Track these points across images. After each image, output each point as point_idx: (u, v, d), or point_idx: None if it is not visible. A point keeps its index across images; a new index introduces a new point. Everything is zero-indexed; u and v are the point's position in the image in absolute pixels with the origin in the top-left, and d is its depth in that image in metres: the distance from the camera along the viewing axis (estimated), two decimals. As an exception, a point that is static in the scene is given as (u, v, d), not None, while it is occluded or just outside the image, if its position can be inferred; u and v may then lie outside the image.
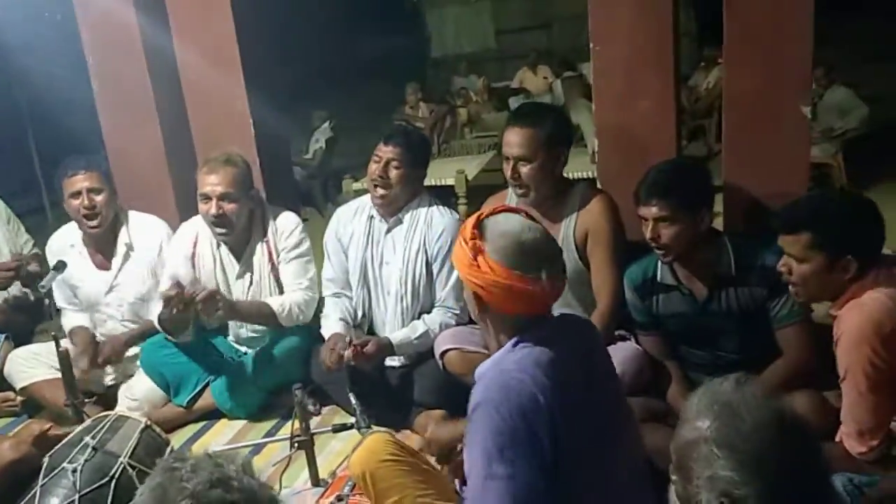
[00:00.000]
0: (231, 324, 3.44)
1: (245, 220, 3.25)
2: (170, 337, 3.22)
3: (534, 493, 1.70)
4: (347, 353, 2.91)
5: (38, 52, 5.68)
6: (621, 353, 2.71)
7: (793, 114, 2.92)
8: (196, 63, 3.64)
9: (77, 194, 3.35)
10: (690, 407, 1.36)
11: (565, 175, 3.01)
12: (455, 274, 3.04)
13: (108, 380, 3.47)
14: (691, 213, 2.54)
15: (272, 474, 2.71)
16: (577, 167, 5.12)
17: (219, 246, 3.32)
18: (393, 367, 3.17)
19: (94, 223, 3.38)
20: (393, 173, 3.08)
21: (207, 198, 3.15)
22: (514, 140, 2.84)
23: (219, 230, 3.20)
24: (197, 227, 3.33)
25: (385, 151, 3.09)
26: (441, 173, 6.55)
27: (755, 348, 2.65)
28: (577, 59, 10.56)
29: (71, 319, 3.52)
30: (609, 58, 3.14)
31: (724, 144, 3.13)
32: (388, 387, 3.15)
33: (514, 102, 9.70)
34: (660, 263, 2.71)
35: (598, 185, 3.26)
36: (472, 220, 1.82)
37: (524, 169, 2.83)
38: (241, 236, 3.29)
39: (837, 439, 2.14)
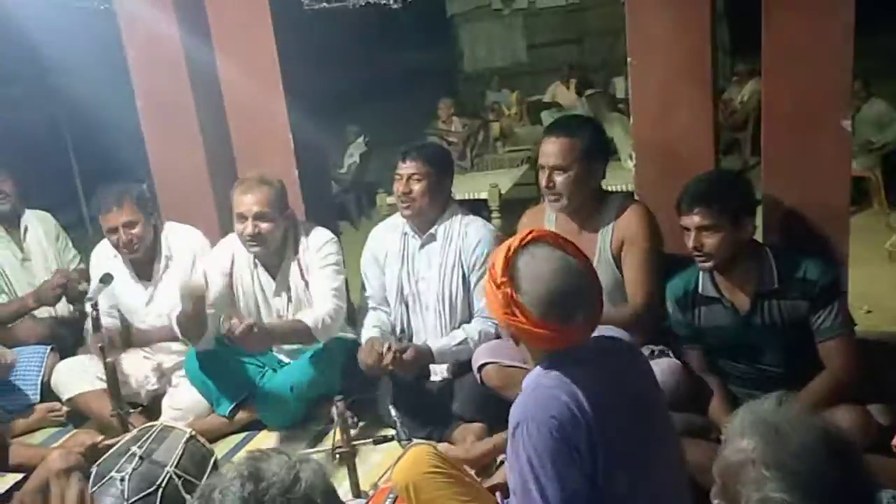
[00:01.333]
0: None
1: (280, 238, 3.29)
2: (191, 343, 3.25)
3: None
4: (388, 356, 2.92)
5: (78, 69, 5.82)
6: (658, 369, 2.69)
7: (833, 127, 2.90)
8: (238, 79, 3.70)
9: (114, 230, 3.43)
10: (732, 428, 1.34)
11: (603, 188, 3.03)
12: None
13: (152, 390, 3.53)
14: (734, 222, 2.54)
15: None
16: (612, 180, 5.11)
17: (256, 266, 3.35)
18: (433, 381, 3.19)
19: (133, 254, 3.48)
20: (416, 187, 3.12)
21: (244, 217, 3.18)
22: (551, 150, 2.87)
23: (254, 249, 3.24)
24: (233, 247, 3.36)
25: (404, 168, 3.14)
26: (474, 187, 6.58)
27: (797, 362, 2.64)
28: (609, 74, 10.60)
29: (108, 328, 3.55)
30: (647, 71, 3.14)
31: (764, 158, 3.12)
32: (427, 400, 3.17)
33: (546, 116, 9.71)
34: (701, 275, 2.71)
35: (636, 198, 3.26)
36: (500, 259, 1.78)
37: (559, 178, 2.86)
38: (275, 255, 3.32)
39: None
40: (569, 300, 1.73)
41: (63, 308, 3.90)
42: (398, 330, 3.29)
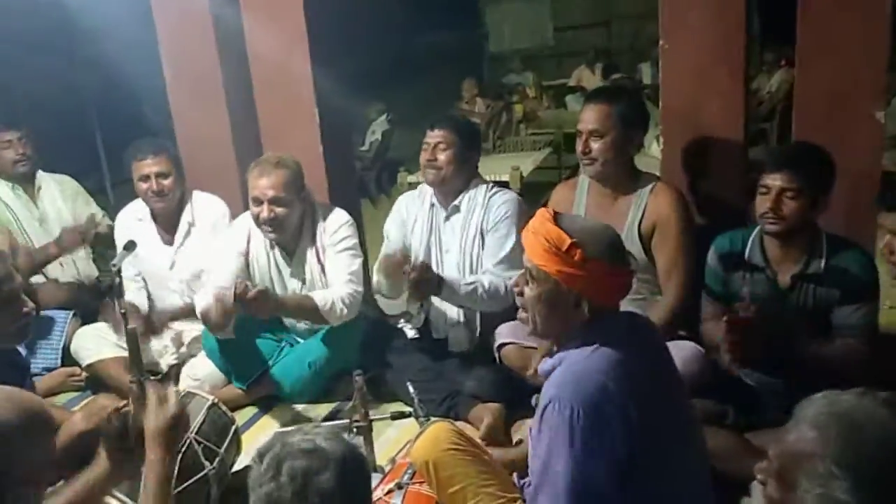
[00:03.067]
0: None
1: (296, 221, 3.26)
2: (212, 333, 3.23)
3: (607, 489, 1.71)
4: (406, 266, 2.86)
5: (107, 39, 5.82)
6: (682, 353, 2.68)
7: (866, 119, 2.87)
8: (265, 52, 3.69)
9: (146, 178, 3.46)
10: (804, 415, 1.28)
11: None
12: (509, 245, 3.06)
13: (171, 359, 3.56)
14: (813, 194, 2.50)
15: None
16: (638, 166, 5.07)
17: (272, 247, 3.35)
18: (452, 360, 3.19)
19: (161, 204, 3.51)
20: (441, 156, 3.13)
21: (259, 201, 3.16)
22: (589, 116, 2.88)
23: (270, 233, 3.22)
24: (249, 226, 3.34)
25: (432, 136, 3.16)
26: (495, 169, 6.55)
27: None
28: (635, 59, 10.50)
29: (129, 293, 3.59)
30: (678, 56, 3.11)
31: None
32: (445, 378, 3.18)
33: (570, 100, 9.66)
34: (751, 241, 2.67)
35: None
36: (547, 219, 1.82)
37: (595, 144, 2.85)
38: (292, 237, 3.30)
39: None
40: (622, 247, 1.89)
41: (85, 269, 3.94)
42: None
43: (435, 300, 3.22)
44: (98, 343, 3.47)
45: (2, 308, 2.24)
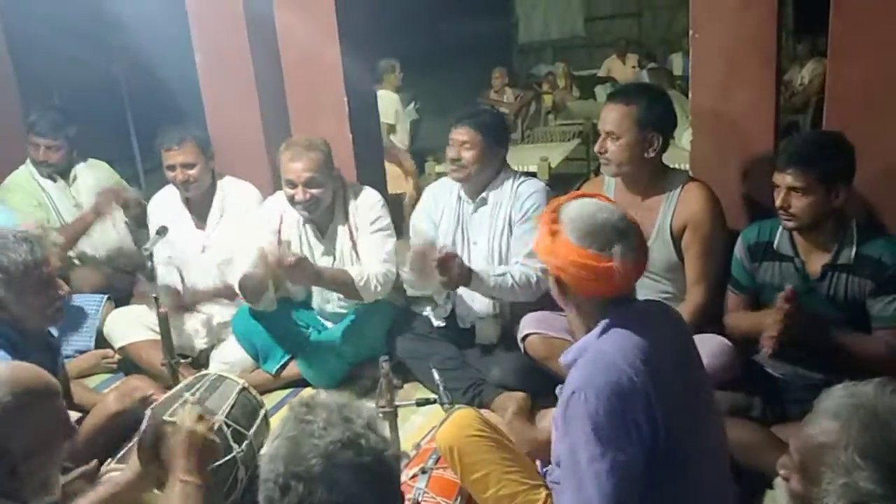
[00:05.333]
0: (316, 298, 3.52)
1: (329, 200, 3.31)
2: (252, 305, 3.31)
3: (632, 478, 1.72)
4: (436, 254, 2.86)
5: (137, 28, 5.88)
6: (709, 346, 2.67)
7: (900, 110, 2.83)
8: (295, 37, 3.72)
9: (172, 167, 3.52)
10: (824, 407, 1.30)
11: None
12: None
13: (202, 343, 3.61)
14: (826, 188, 2.46)
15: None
16: (666, 159, 5.02)
17: (304, 224, 3.39)
18: (477, 348, 3.21)
19: (189, 193, 3.57)
20: (466, 154, 3.12)
21: (293, 184, 3.20)
22: (608, 115, 2.84)
23: (305, 212, 3.28)
24: (282, 205, 3.38)
25: (457, 134, 3.14)
26: (524, 160, 6.54)
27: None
28: (667, 50, 10.40)
29: (163, 277, 3.65)
30: (709, 45, 3.08)
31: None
32: (470, 366, 3.20)
33: (600, 91, 9.59)
34: (780, 231, 2.65)
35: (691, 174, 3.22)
36: (552, 205, 1.86)
37: (611, 145, 2.82)
38: (324, 215, 3.35)
39: None
40: (606, 230, 1.76)
41: (117, 254, 4.00)
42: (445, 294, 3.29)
43: (463, 291, 3.23)
44: (130, 326, 3.54)
45: (37, 291, 2.31)
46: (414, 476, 2.21)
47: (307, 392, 3.38)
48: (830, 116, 2.98)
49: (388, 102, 6.58)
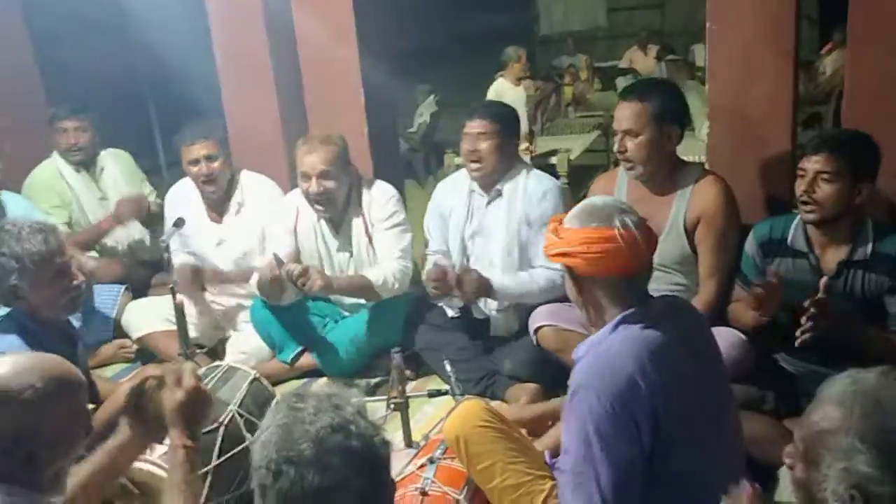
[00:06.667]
0: (333, 286, 3.54)
1: (344, 195, 3.33)
2: (267, 300, 3.35)
3: (630, 479, 1.73)
4: (452, 275, 2.94)
5: (160, 22, 5.94)
6: (722, 339, 2.64)
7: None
8: (313, 34, 3.74)
9: (195, 161, 3.54)
10: (827, 394, 1.30)
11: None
12: None
13: (218, 332, 3.67)
14: (852, 179, 2.44)
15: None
16: (686, 151, 4.98)
17: (319, 220, 3.41)
18: (490, 339, 3.22)
19: (211, 188, 3.58)
20: (483, 146, 3.12)
21: (308, 176, 3.24)
22: (623, 114, 2.82)
23: (319, 207, 3.29)
24: (297, 202, 3.42)
25: (472, 126, 3.15)
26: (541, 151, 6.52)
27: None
28: (690, 41, 10.31)
29: (181, 259, 3.68)
30: (726, 38, 3.06)
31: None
32: (483, 357, 3.21)
33: (621, 83, 9.52)
34: (794, 227, 2.62)
35: (707, 167, 3.20)
36: (555, 217, 1.92)
37: (630, 143, 2.80)
38: (339, 211, 3.37)
39: None
40: (602, 207, 1.83)
41: (138, 245, 4.05)
42: None
43: None
44: (148, 316, 3.58)
45: (53, 281, 2.34)
46: (422, 466, 2.22)
47: (320, 381, 3.41)
48: (848, 107, 2.95)
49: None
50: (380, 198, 3.37)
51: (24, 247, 2.28)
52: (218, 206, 3.68)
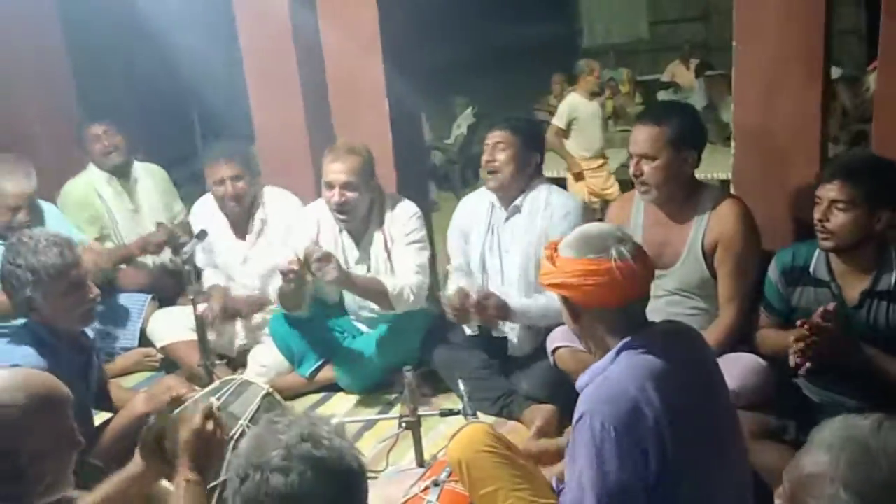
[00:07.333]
0: (351, 304, 3.55)
1: (366, 208, 3.34)
2: (287, 311, 3.37)
3: None
4: (472, 299, 2.93)
5: (202, 30, 6.04)
6: (742, 365, 2.61)
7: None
8: (339, 47, 3.77)
9: (220, 182, 3.58)
10: (818, 438, 1.26)
11: (707, 175, 2.91)
12: None
13: (240, 344, 3.69)
14: (869, 207, 2.37)
15: (380, 450, 2.80)
16: (716, 167, 4.92)
17: (340, 231, 3.42)
18: (508, 358, 3.20)
19: (236, 206, 3.63)
20: (500, 156, 3.12)
21: (331, 185, 3.25)
22: (639, 137, 2.76)
23: (341, 216, 3.30)
24: (320, 213, 3.44)
25: (491, 137, 3.16)
26: (580, 166, 6.47)
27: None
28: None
29: (210, 279, 3.77)
30: (753, 56, 3.00)
31: (875, 150, 2.93)
32: (500, 377, 3.19)
33: (663, 96, 9.44)
34: (817, 255, 2.55)
35: (733, 190, 3.15)
36: (551, 243, 1.89)
37: (647, 167, 2.73)
38: (360, 223, 3.38)
39: None
40: (598, 237, 1.79)
41: (166, 257, 4.09)
42: None
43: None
44: (172, 325, 3.63)
45: (68, 293, 2.38)
46: (426, 489, 2.21)
47: (338, 396, 3.42)
48: (878, 126, 2.87)
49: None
50: (402, 215, 3.38)
51: (39, 259, 2.33)
52: (241, 224, 3.71)
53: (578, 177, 6.35)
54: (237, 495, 1.32)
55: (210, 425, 1.85)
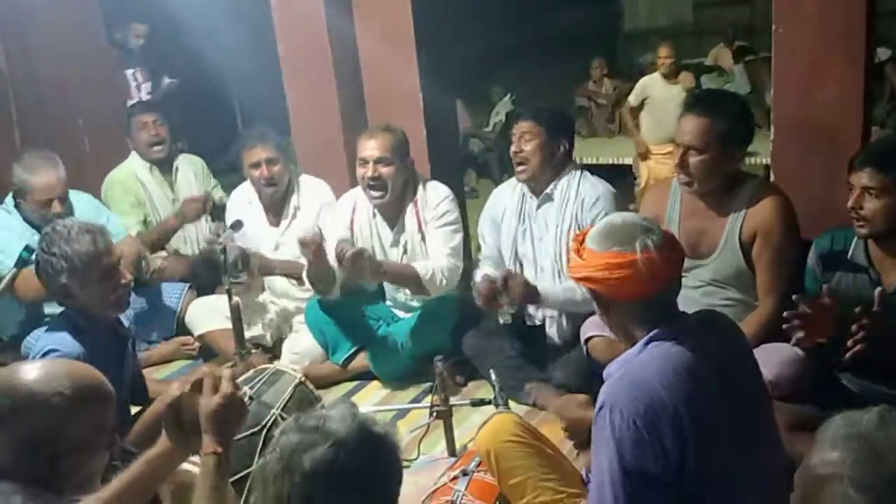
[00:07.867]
0: (388, 288, 3.57)
1: (399, 188, 3.36)
2: (319, 295, 3.41)
3: (650, 497, 1.67)
4: (499, 280, 2.93)
5: (245, 22, 6.10)
6: (778, 356, 2.56)
7: None
8: (373, 40, 3.80)
9: (257, 165, 3.64)
10: (825, 437, 1.23)
11: (752, 161, 2.85)
12: None
13: (275, 332, 3.76)
14: None
15: (412, 439, 2.82)
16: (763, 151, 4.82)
17: (374, 216, 3.44)
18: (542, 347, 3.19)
19: (271, 190, 3.67)
20: (527, 147, 3.12)
21: (365, 161, 3.29)
22: (688, 127, 2.67)
23: (374, 193, 3.32)
24: (355, 198, 3.48)
25: (518, 128, 3.16)
26: (619, 152, 6.43)
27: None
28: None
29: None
30: (793, 41, 2.93)
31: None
32: (533, 366, 3.18)
33: (706, 80, 9.25)
34: (855, 240, 2.51)
35: (772, 176, 3.08)
36: (578, 234, 1.87)
37: (693, 159, 2.65)
38: (394, 206, 3.40)
39: None
40: (623, 229, 1.75)
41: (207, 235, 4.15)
42: None
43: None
44: (209, 314, 3.69)
45: (100, 280, 2.42)
46: (455, 478, 2.21)
47: (372, 385, 3.44)
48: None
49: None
50: (434, 197, 3.39)
51: (73, 247, 2.37)
52: (277, 210, 3.76)
53: (644, 156, 6.15)
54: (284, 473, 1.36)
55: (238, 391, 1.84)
